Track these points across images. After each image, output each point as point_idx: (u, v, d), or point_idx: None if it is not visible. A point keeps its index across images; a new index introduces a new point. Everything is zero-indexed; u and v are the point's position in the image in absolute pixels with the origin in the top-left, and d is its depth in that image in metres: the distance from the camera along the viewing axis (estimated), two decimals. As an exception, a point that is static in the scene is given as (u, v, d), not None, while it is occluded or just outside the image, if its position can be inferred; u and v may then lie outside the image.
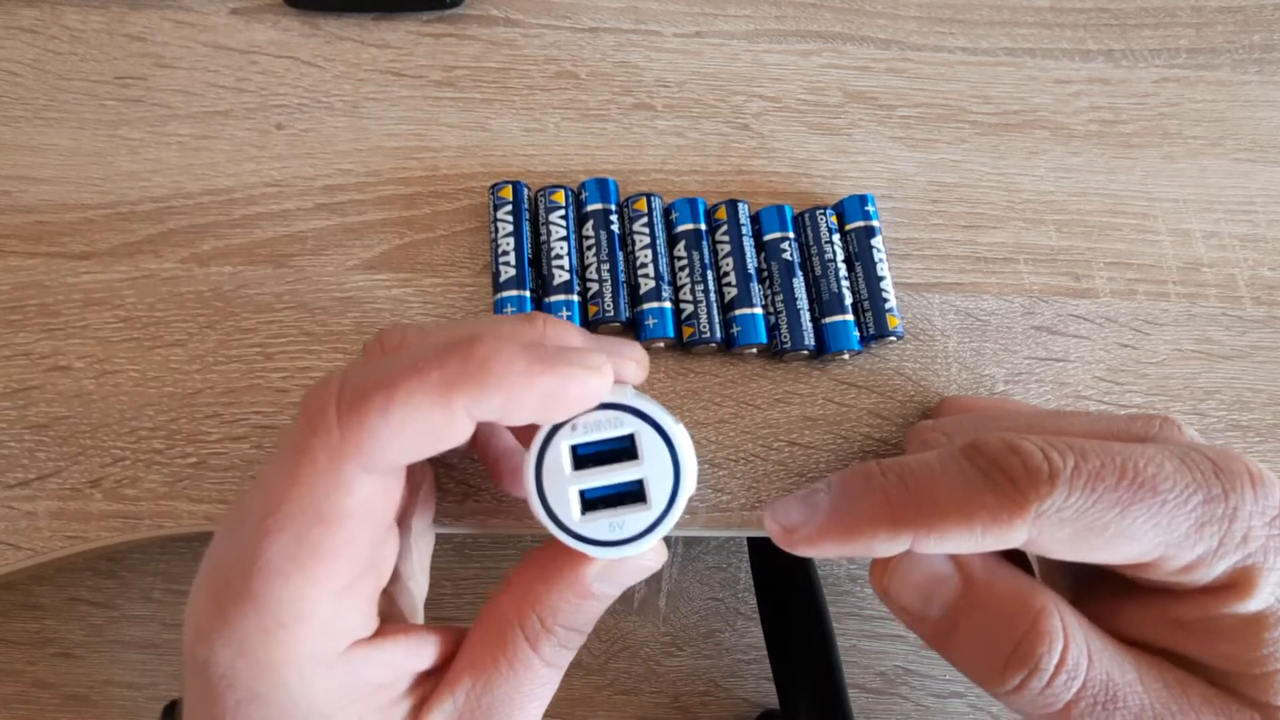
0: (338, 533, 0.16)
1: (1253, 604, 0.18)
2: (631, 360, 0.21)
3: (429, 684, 0.19)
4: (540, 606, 0.18)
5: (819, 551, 0.20)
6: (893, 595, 0.20)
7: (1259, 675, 0.18)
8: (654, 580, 0.50)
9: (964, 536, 0.18)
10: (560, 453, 0.18)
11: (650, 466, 0.18)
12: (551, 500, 0.18)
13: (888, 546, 0.19)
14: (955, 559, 0.19)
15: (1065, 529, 0.17)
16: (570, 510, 0.18)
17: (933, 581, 0.19)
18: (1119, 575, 0.20)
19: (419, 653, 0.19)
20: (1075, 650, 0.18)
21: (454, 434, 0.16)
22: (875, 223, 0.28)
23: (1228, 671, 0.19)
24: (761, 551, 0.47)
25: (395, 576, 0.21)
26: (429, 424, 0.16)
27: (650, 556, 0.19)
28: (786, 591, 0.44)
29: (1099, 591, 0.20)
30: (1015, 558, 0.21)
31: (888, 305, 0.27)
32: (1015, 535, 0.18)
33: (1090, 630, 0.19)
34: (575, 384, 0.17)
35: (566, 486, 0.18)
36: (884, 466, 0.19)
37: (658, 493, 0.18)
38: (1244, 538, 0.17)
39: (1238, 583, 0.18)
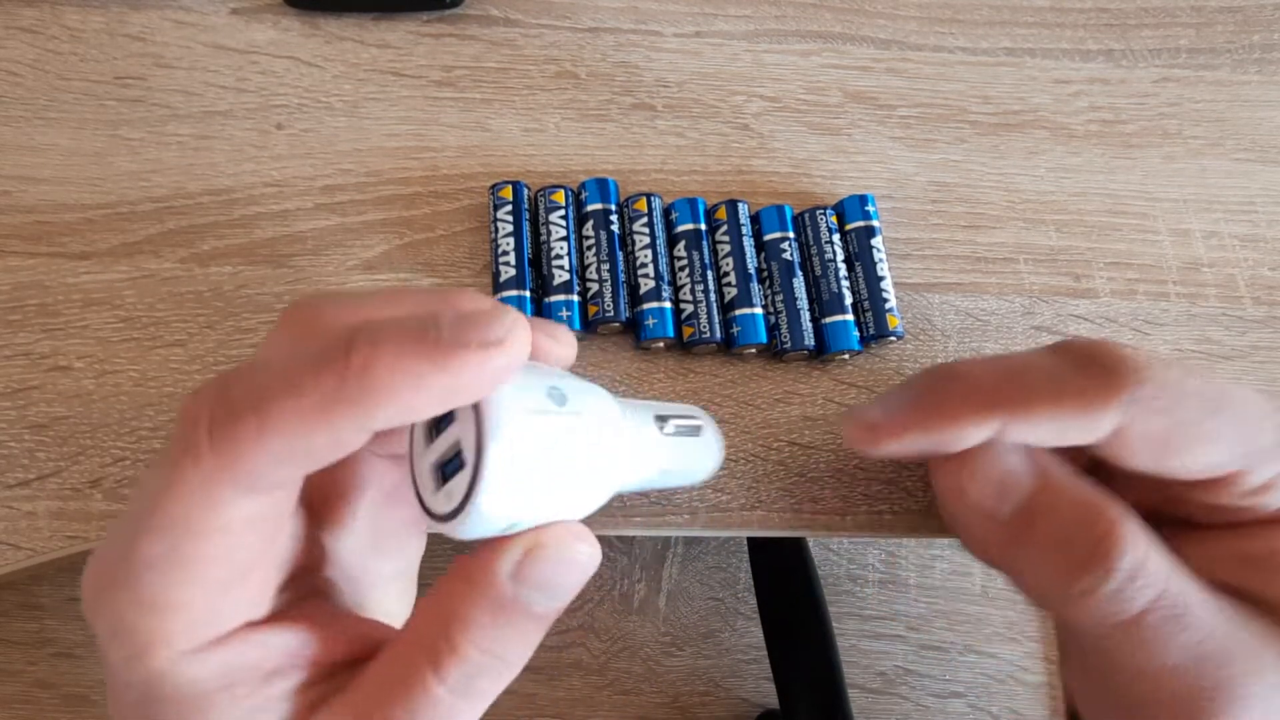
0: (213, 545, 0.15)
1: None
2: (549, 337, 0.18)
3: (334, 683, 0.17)
4: (453, 623, 0.16)
5: (903, 446, 0.19)
6: (969, 491, 0.19)
7: None
8: (654, 580, 0.50)
9: (1054, 424, 0.18)
10: (416, 424, 0.16)
11: (461, 422, 0.16)
12: (418, 479, 0.17)
13: (975, 433, 0.18)
14: (1033, 460, 0.19)
15: (1155, 422, 0.17)
16: (425, 486, 0.16)
17: (1010, 478, 0.18)
18: (1181, 515, 0.20)
19: (317, 640, 0.17)
20: (1152, 563, 0.17)
21: (340, 449, 0.14)
22: (875, 223, 0.28)
23: None
24: (761, 551, 0.47)
25: (331, 563, 0.19)
26: (309, 445, 0.14)
27: (571, 548, 0.16)
28: (786, 591, 0.44)
29: (1164, 532, 0.19)
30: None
31: (888, 305, 0.27)
32: (1106, 421, 0.17)
33: (1164, 548, 0.18)
34: (472, 368, 0.14)
35: (419, 460, 0.16)
36: (972, 359, 0.20)
37: (468, 450, 0.15)
38: None
39: None
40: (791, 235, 0.28)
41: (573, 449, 0.16)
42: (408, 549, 0.21)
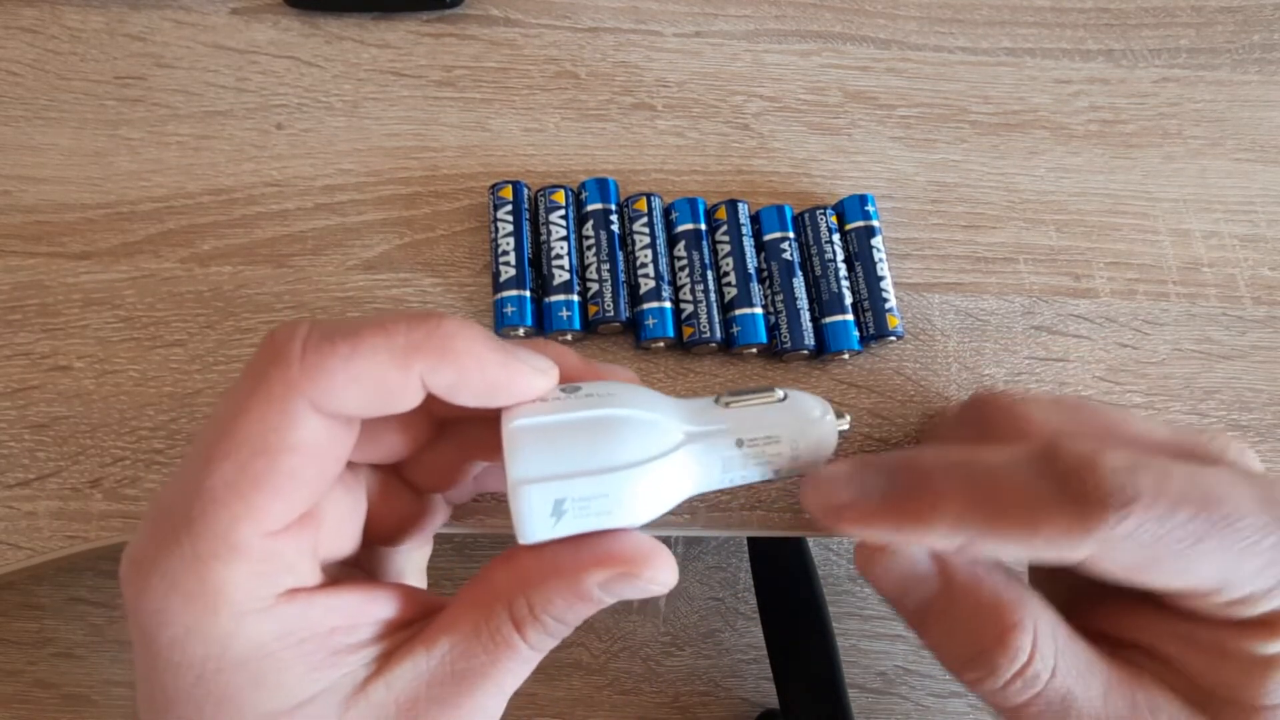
0: (280, 465, 0.16)
1: (1275, 647, 0.18)
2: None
3: (400, 637, 0.18)
4: (534, 593, 0.18)
5: (862, 534, 0.19)
6: (874, 582, 0.20)
7: (1252, 709, 0.18)
8: (654, 580, 0.50)
9: (1023, 546, 0.18)
10: None
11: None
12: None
13: (941, 543, 0.18)
14: (938, 560, 0.20)
15: (1130, 555, 0.17)
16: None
17: (913, 579, 0.20)
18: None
19: (376, 601, 0.18)
20: (1038, 664, 0.18)
21: (405, 397, 0.17)
22: (875, 223, 0.28)
23: (1217, 696, 0.19)
24: (761, 552, 0.47)
25: (377, 554, 0.22)
26: (385, 380, 0.16)
27: (658, 576, 0.18)
28: (786, 591, 0.44)
29: (1108, 593, 0.20)
30: None
31: (888, 305, 0.27)
32: (1077, 554, 0.17)
33: (1067, 642, 0.19)
34: (521, 378, 0.18)
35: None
36: (952, 459, 0.19)
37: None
38: None
39: (1273, 622, 0.18)
40: (791, 235, 0.28)
41: (590, 421, 0.18)
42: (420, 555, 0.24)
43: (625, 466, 0.18)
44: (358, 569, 0.21)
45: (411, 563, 0.24)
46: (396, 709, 0.17)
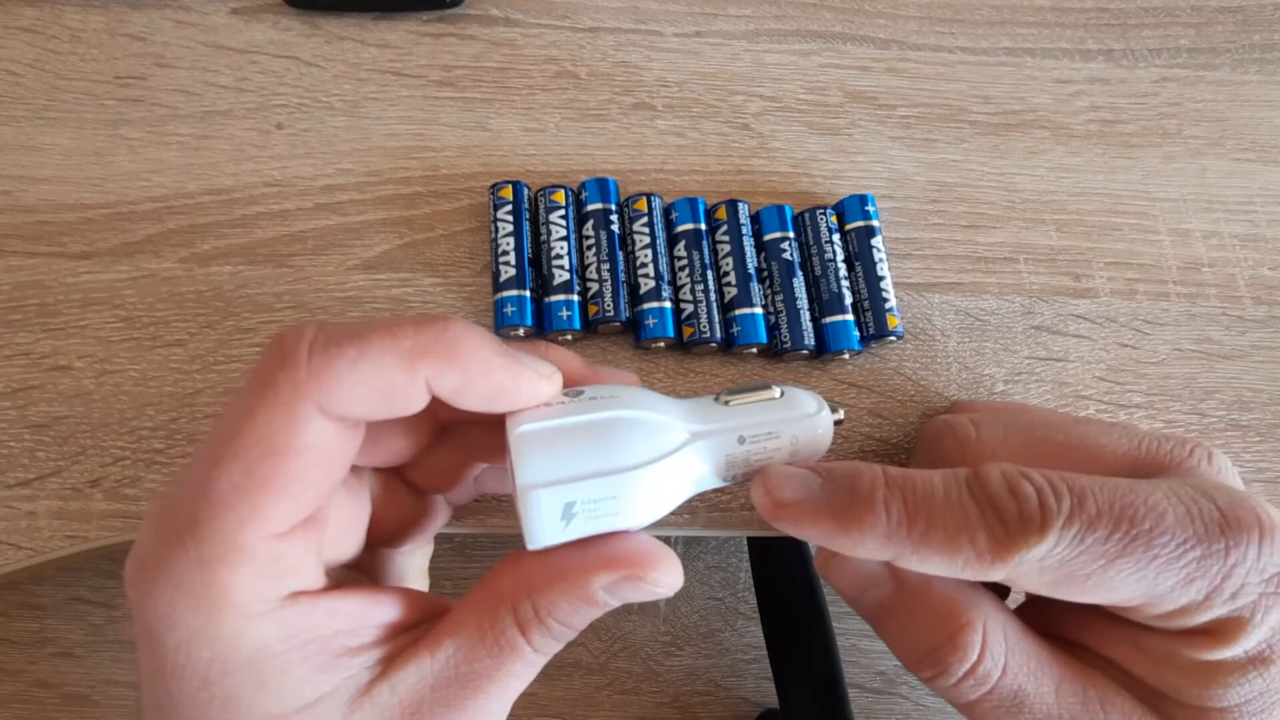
0: (287, 468, 0.16)
1: (1225, 653, 0.18)
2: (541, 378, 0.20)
3: (404, 640, 0.18)
4: (539, 597, 0.18)
5: (800, 533, 0.20)
6: (832, 582, 0.21)
7: (1201, 710, 0.18)
8: (654, 580, 0.50)
9: (944, 566, 0.19)
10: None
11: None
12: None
13: (873, 554, 0.19)
14: (892, 566, 0.20)
15: (1046, 576, 0.18)
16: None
17: (867, 580, 0.21)
18: None
19: (380, 604, 0.18)
20: (988, 663, 0.19)
21: (410, 399, 0.17)
22: (875, 223, 0.28)
23: (1167, 697, 0.19)
24: (761, 551, 0.47)
25: (378, 557, 0.22)
26: (391, 384, 0.16)
27: (663, 579, 0.18)
28: (786, 591, 0.44)
29: (1056, 600, 0.20)
30: None
31: (888, 305, 0.27)
32: (994, 575, 0.18)
33: (1019, 641, 0.20)
34: (526, 384, 0.18)
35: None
36: (889, 477, 0.19)
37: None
38: (1235, 594, 0.18)
39: (1217, 631, 0.18)
40: (791, 235, 0.28)
41: (595, 424, 0.18)
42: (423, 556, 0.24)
43: (632, 467, 0.18)
44: (360, 571, 0.22)
45: (413, 564, 0.24)
46: (401, 712, 0.17)
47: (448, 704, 0.17)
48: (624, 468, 0.18)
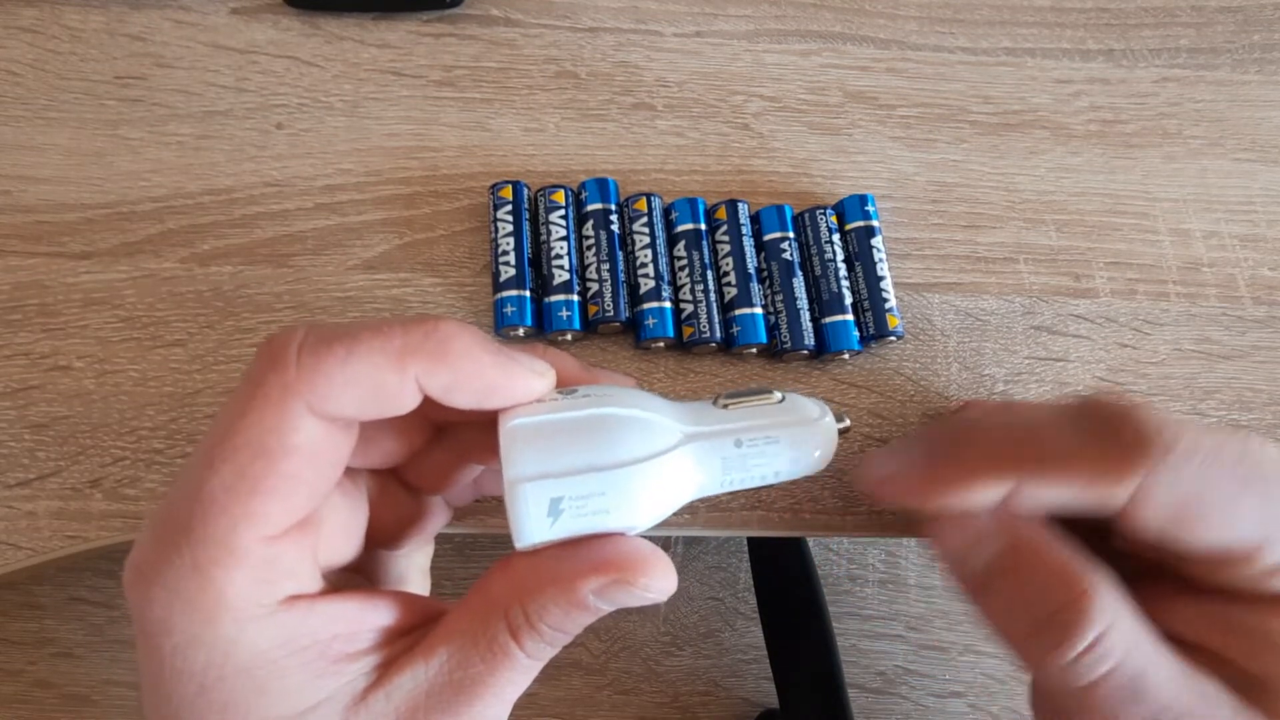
0: (279, 469, 0.16)
1: None
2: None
3: (399, 646, 0.18)
4: (530, 601, 0.18)
5: (914, 500, 0.19)
6: (938, 544, 0.20)
7: None
8: (654, 580, 0.50)
9: (1069, 490, 0.18)
10: None
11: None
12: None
13: (986, 496, 0.18)
14: (1005, 518, 0.19)
15: (1173, 498, 0.17)
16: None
17: (982, 534, 0.19)
18: (1178, 574, 0.19)
19: (377, 609, 0.18)
20: (1115, 635, 0.17)
21: (401, 399, 0.17)
22: (875, 223, 0.28)
23: (1266, 685, 0.18)
24: (761, 551, 0.47)
25: (378, 558, 0.22)
26: (382, 382, 0.16)
27: (655, 584, 0.18)
28: (786, 591, 0.44)
29: (1156, 587, 0.20)
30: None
31: (888, 305, 0.27)
32: (1121, 493, 0.17)
33: (1139, 621, 0.18)
34: (517, 380, 0.18)
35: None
36: (986, 415, 0.19)
37: None
38: None
39: None
40: (791, 235, 0.28)
41: (587, 419, 0.18)
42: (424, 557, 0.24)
43: (623, 464, 0.18)
44: (359, 574, 0.21)
45: (414, 565, 0.24)
46: (396, 719, 0.17)
47: (443, 711, 0.17)
48: (614, 464, 0.18)
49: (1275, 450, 0.18)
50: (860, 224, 0.28)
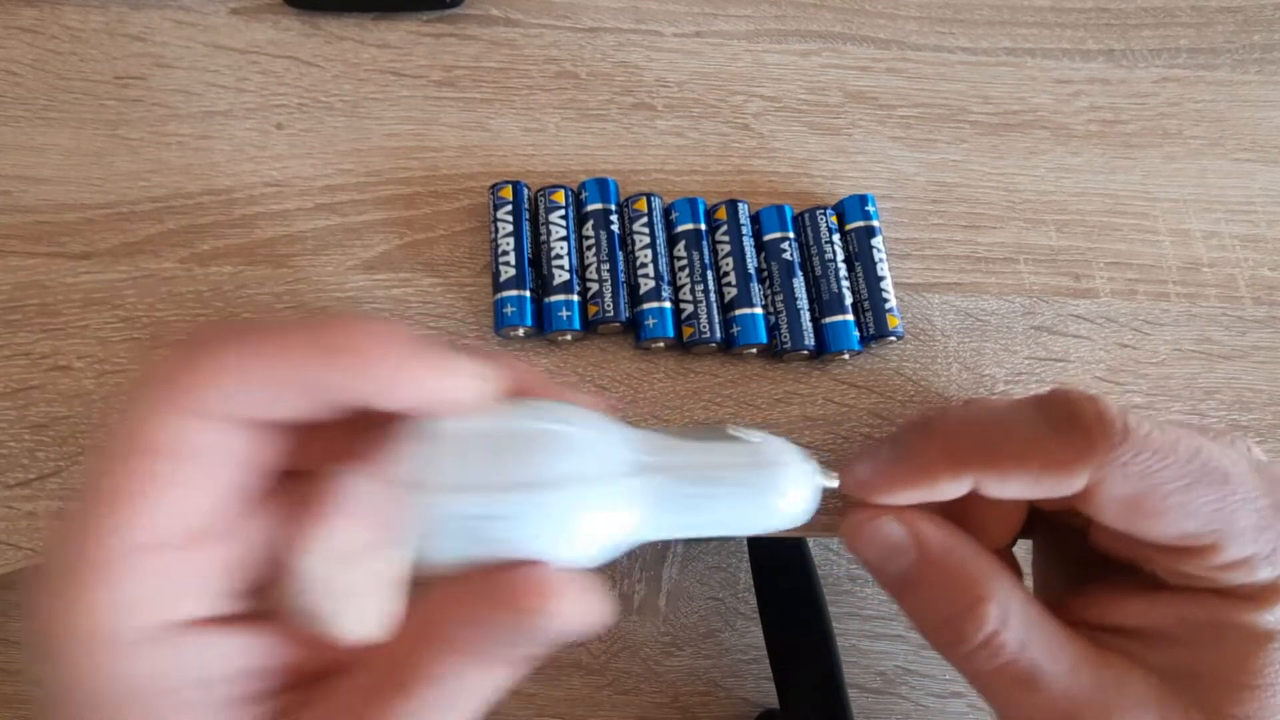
0: (155, 470, 0.14)
1: (1270, 618, 0.18)
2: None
3: (303, 696, 0.16)
4: (424, 654, 0.16)
5: (892, 498, 0.20)
6: (857, 553, 0.22)
7: (1244, 686, 0.18)
8: (654, 580, 0.50)
9: (1026, 479, 0.19)
10: None
11: None
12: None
13: (951, 488, 0.19)
14: (914, 533, 0.21)
15: (1127, 486, 0.18)
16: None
17: (891, 549, 0.21)
18: (1145, 569, 0.20)
19: (274, 646, 0.16)
20: (1006, 635, 0.19)
21: (307, 399, 0.15)
22: (875, 223, 0.28)
23: (1206, 676, 0.19)
24: (761, 551, 0.47)
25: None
26: (279, 381, 0.15)
27: (558, 611, 0.15)
28: (786, 591, 0.44)
29: (1126, 582, 0.21)
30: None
31: (888, 305, 0.27)
32: (1075, 483, 0.18)
33: (1037, 618, 0.20)
34: (437, 382, 0.16)
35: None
36: (949, 413, 0.20)
37: None
38: None
39: (1269, 595, 0.18)
40: (791, 235, 0.28)
41: (512, 431, 0.16)
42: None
43: (540, 486, 0.15)
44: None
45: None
46: None
47: None
48: (527, 485, 0.15)
49: (1234, 452, 0.19)
50: (860, 224, 0.28)
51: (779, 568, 0.45)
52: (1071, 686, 0.19)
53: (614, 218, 0.28)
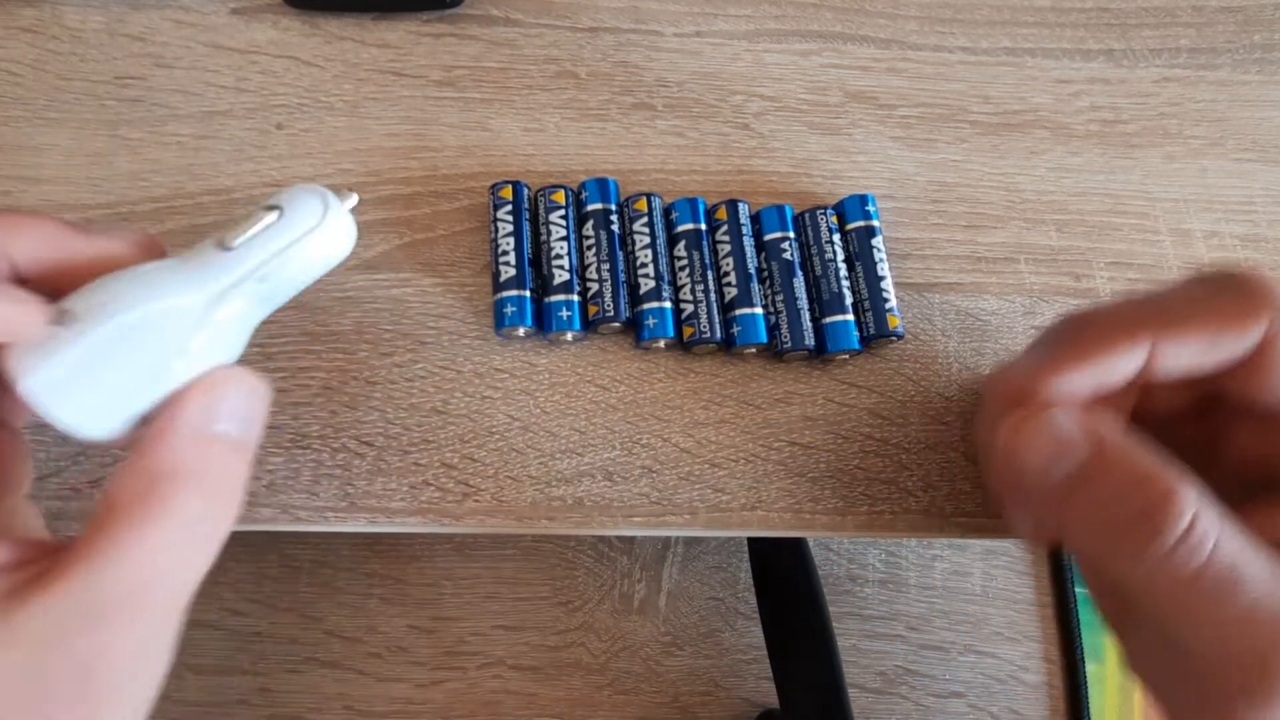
0: None
1: None
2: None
3: (18, 578, 0.16)
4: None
5: (1064, 381, 0.20)
6: (1022, 456, 0.20)
7: None
8: (654, 580, 0.50)
9: (1203, 337, 0.19)
10: None
11: None
12: None
13: (1130, 357, 0.19)
14: (1088, 425, 0.19)
15: None
16: None
17: (1065, 443, 0.19)
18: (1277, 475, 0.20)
19: None
20: (1203, 526, 0.17)
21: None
22: (876, 222, 0.28)
23: None
24: (761, 551, 0.47)
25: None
26: None
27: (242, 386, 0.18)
28: (786, 591, 0.44)
29: (1261, 496, 0.20)
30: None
31: (888, 305, 0.27)
32: (1250, 335, 0.18)
33: (1226, 518, 0.18)
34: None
35: None
36: (1104, 303, 0.20)
37: None
38: None
39: None
40: (792, 235, 0.28)
41: (102, 341, 0.17)
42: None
43: (166, 372, 0.18)
44: None
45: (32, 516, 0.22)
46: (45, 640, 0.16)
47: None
48: (161, 380, 0.18)
49: None
50: (861, 224, 0.28)
51: (779, 568, 0.45)
52: (1272, 589, 0.17)
53: (614, 218, 0.28)
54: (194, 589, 0.18)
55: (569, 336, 0.27)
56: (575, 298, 0.27)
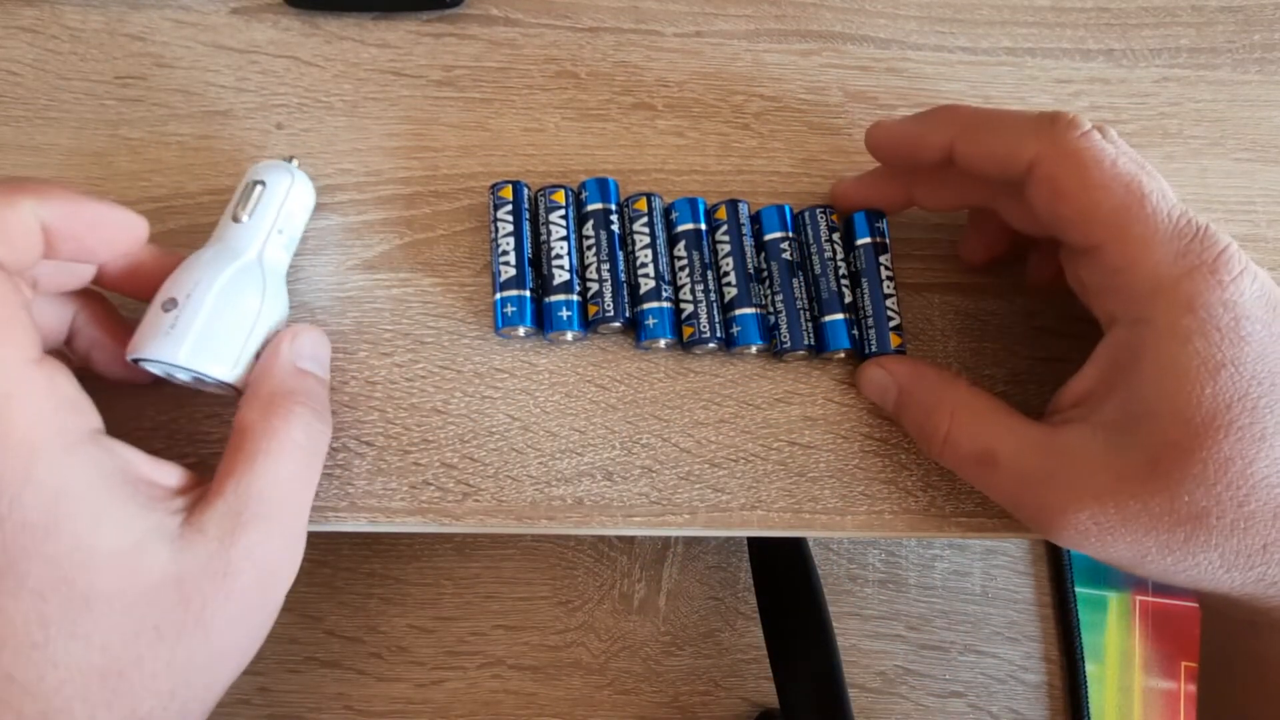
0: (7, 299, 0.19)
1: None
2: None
3: (192, 497, 0.21)
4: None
5: (889, 138, 0.27)
6: (863, 394, 0.28)
7: (1177, 414, 0.21)
8: (654, 580, 0.50)
9: (990, 146, 0.23)
10: None
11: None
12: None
13: (939, 129, 0.25)
14: (890, 372, 0.26)
15: (1052, 169, 0.22)
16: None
17: (881, 389, 0.27)
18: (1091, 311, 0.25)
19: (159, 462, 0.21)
20: (955, 433, 0.24)
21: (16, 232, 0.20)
22: (886, 240, 0.28)
23: (1140, 417, 0.22)
24: (762, 551, 0.47)
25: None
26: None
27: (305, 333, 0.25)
28: (786, 591, 0.44)
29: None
30: None
31: (893, 323, 0.27)
32: (1029, 147, 0.22)
33: (986, 414, 0.24)
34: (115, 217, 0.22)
35: None
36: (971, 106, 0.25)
37: None
38: None
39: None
40: (791, 235, 0.28)
41: (211, 310, 0.23)
42: None
43: (263, 317, 0.24)
44: None
45: None
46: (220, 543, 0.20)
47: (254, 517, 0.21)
48: (261, 319, 0.24)
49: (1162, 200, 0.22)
50: (868, 240, 0.28)
51: (779, 568, 0.45)
52: (1024, 460, 0.23)
53: (614, 217, 0.28)
54: (310, 501, 0.23)
55: (569, 336, 0.27)
56: (575, 298, 0.27)
